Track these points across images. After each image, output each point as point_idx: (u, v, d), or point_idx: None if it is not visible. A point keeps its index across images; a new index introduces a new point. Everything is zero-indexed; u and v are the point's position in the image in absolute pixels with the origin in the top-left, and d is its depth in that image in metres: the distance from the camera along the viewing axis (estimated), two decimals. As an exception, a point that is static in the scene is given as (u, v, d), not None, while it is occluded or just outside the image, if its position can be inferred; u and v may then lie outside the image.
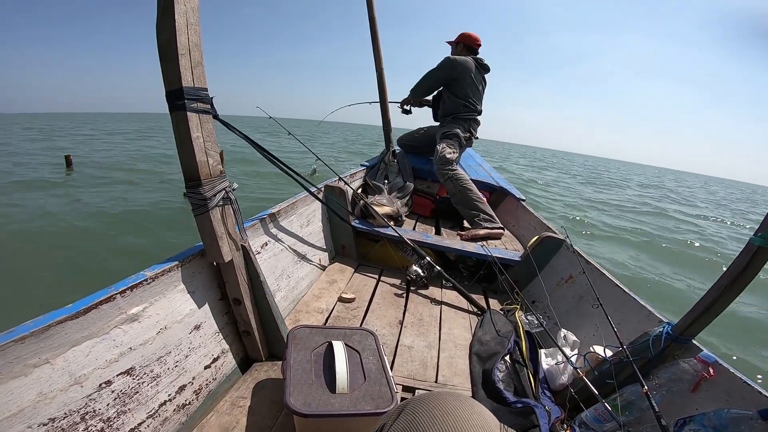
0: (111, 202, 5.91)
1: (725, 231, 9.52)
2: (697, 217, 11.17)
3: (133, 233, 4.66)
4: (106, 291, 0.77)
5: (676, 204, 14.72)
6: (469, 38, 2.62)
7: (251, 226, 1.32)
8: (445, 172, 2.39)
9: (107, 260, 3.80)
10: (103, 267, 3.61)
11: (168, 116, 0.88)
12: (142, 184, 7.47)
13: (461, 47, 2.64)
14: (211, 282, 1.07)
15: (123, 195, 6.39)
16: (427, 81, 2.61)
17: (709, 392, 0.91)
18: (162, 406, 0.85)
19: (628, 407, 0.97)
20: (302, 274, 1.61)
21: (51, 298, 2.90)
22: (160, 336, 0.88)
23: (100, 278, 3.14)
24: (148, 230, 4.81)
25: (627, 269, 4.96)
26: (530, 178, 15.25)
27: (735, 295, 0.92)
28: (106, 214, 5.28)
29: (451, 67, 2.47)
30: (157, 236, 4.63)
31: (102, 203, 5.84)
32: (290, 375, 0.89)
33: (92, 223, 4.93)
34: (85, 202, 5.86)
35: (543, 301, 1.65)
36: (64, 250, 3.98)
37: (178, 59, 0.81)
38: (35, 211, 5.26)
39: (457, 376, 1.23)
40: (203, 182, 0.91)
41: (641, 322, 1.19)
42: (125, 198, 6.23)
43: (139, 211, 5.56)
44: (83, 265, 3.69)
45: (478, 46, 2.63)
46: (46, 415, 0.64)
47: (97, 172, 8.32)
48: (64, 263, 3.72)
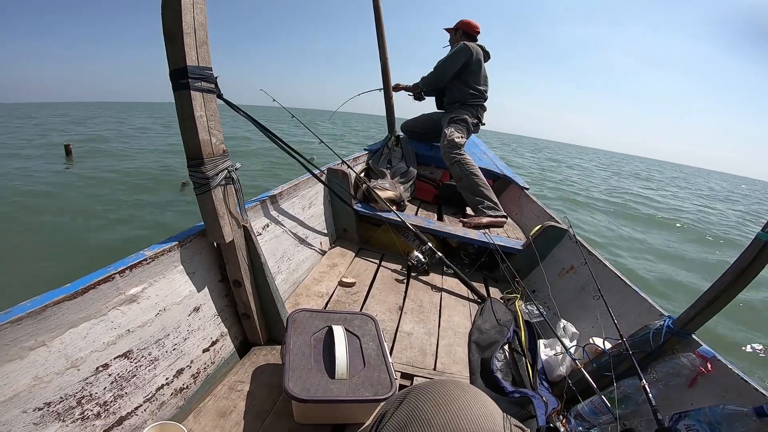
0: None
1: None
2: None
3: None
4: (105, 270, 0.75)
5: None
6: (469, 25, 2.60)
7: (253, 207, 1.30)
8: (453, 155, 2.37)
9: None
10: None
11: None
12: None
13: (460, 34, 2.62)
14: (212, 263, 1.05)
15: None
16: (443, 68, 2.54)
17: (706, 388, 0.91)
18: (159, 390, 0.84)
19: (624, 400, 0.97)
20: (303, 256, 1.60)
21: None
22: (159, 318, 0.87)
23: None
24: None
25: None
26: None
27: (738, 290, 0.91)
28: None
29: (468, 54, 2.45)
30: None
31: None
32: (289, 360, 0.88)
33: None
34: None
35: (544, 291, 1.64)
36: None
37: (182, 38, 0.79)
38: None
39: (455, 364, 1.23)
40: (206, 161, 0.89)
41: (642, 315, 1.19)
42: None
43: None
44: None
45: (477, 32, 2.61)
46: (41, 400, 0.63)
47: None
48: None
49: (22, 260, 3.16)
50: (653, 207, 9.68)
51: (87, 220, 4.16)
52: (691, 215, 9.42)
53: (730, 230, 8.20)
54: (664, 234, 6.67)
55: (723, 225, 8.87)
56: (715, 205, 13.17)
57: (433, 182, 2.78)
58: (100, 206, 4.66)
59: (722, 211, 11.75)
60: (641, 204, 9.78)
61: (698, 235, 6.98)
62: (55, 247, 3.48)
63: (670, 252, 5.55)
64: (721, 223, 9.24)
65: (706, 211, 10.97)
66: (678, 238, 6.57)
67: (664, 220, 7.88)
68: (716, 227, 8.25)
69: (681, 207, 10.89)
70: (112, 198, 5.08)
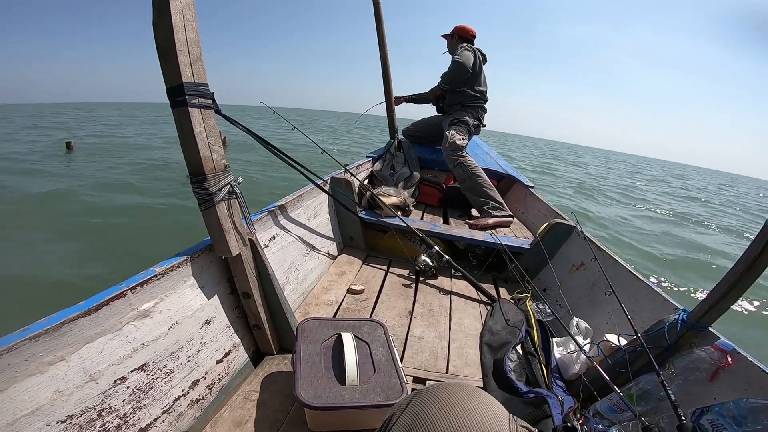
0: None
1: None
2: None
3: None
4: (116, 288, 0.78)
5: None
6: (464, 30, 2.70)
7: (258, 219, 1.31)
8: (455, 158, 2.39)
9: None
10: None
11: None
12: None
13: (456, 39, 2.70)
14: (221, 276, 1.07)
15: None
16: (458, 70, 2.50)
17: (728, 381, 0.89)
18: (176, 401, 0.85)
19: (643, 397, 0.95)
20: (311, 266, 1.60)
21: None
22: (172, 331, 0.89)
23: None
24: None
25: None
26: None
27: (752, 279, 0.89)
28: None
29: (476, 58, 2.52)
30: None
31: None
32: (300, 368, 0.89)
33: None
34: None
35: (554, 289, 1.63)
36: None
37: (177, 56, 0.81)
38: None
39: (467, 366, 1.22)
40: (208, 177, 0.91)
41: (655, 310, 1.17)
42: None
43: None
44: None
45: (473, 36, 2.69)
46: (63, 413, 0.64)
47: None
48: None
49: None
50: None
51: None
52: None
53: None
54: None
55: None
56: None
57: (437, 186, 2.79)
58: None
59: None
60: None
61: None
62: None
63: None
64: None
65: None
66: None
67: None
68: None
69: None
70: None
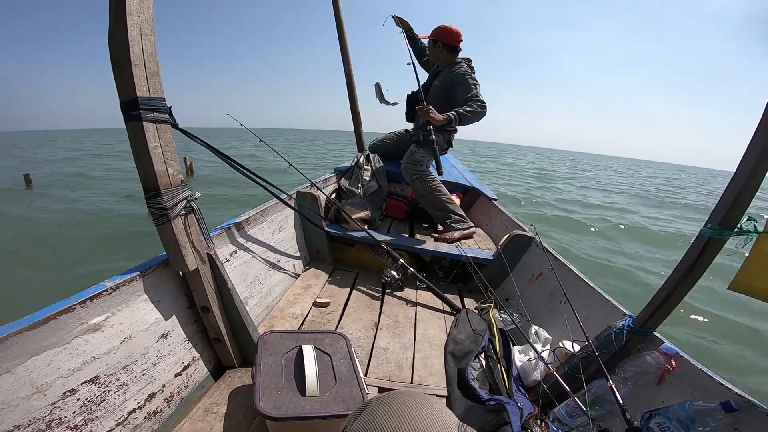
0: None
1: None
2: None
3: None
4: (65, 302, 0.77)
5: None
6: (449, 34, 2.17)
7: (218, 234, 1.31)
8: (414, 172, 2.26)
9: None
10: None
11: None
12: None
13: (440, 47, 2.22)
14: (178, 291, 1.06)
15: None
16: (480, 116, 2.10)
17: (674, 384, 0.93)
18: (131, 414, 0.84)
19: (597, 401, 0.98)
20: (276, 280, 1.58)
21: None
22: (125, 345, 0.88)
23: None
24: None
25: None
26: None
27: (690, 286, 0.94)
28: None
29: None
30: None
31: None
32: (260, 379, 0.88)
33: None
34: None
35: (516, 299, 1.67)
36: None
37: (132, 69, 0.81)
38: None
39: (432, 376, 1.23)
40: (163, 192, 0.90)
41: (606, 316, 1.22)
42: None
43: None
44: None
45: (459, 41, 2.19)
46: (10, 423, 0.65)
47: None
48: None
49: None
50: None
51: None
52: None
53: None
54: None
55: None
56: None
57: (404, 199, 2.79)
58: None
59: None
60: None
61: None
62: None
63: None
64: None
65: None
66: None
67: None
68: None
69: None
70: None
